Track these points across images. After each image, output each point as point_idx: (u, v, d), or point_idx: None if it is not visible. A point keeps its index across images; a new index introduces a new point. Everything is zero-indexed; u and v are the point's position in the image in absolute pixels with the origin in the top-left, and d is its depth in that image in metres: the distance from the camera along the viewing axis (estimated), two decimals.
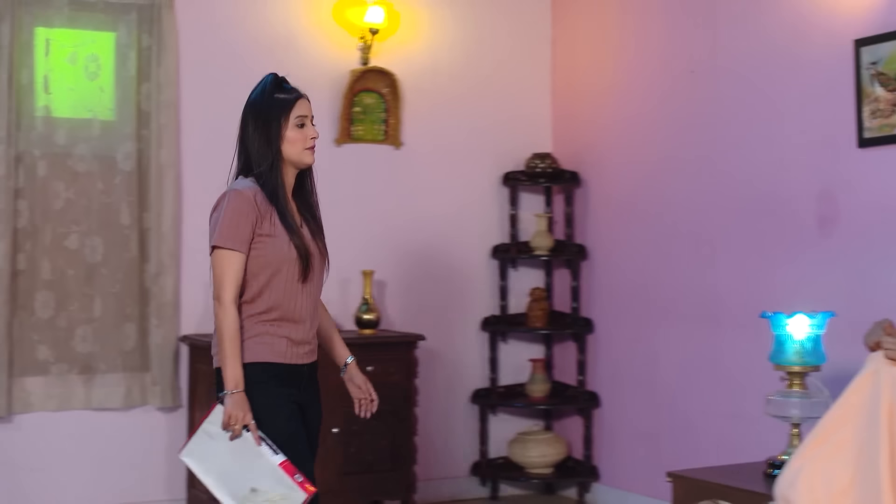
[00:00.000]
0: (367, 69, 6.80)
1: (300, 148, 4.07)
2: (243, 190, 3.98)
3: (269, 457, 3.84)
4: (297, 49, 6.76)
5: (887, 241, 5.13)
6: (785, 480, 3.54)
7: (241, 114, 4.11)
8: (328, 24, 6.81)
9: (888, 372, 3.48)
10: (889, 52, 5.07)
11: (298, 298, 4.03)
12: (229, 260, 3.94)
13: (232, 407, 3.89)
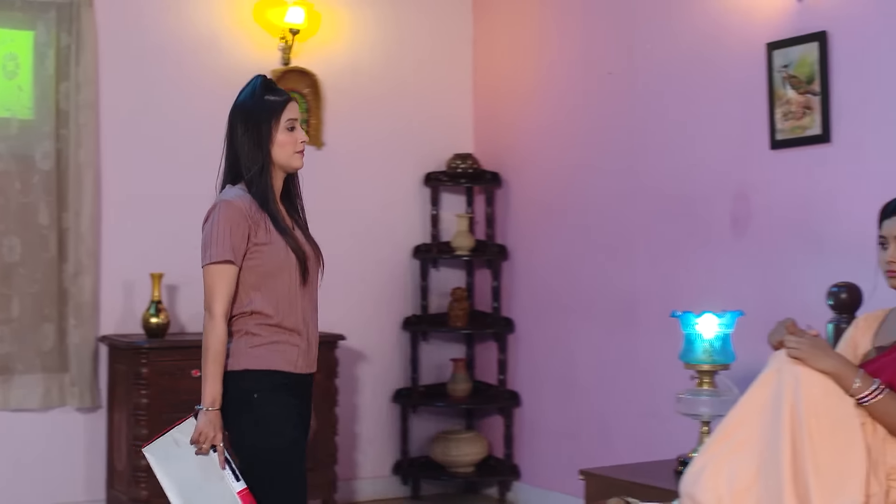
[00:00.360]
0: (288, 69, 6.80)
1: (290, 151, 3.98)
2: (233, 200, 3.89)
3: (231, 482, 3.78)
4: (217, 49, 6.76)
5: (797, 241, 5.22)
6: (689, 478, 3.57)
7: (229, 117, 4.03)
8: (249, 24, 6.81)
9: (790, 370, 3.52)
10: (800, 55, 5.15)
11: (301, 304, 3.96)
12: (221, 273, 3.85)
13: (205, 424, 3.80)
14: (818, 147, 5.11)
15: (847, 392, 3.49)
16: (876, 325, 3.99)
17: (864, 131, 4.92)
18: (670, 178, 5.90)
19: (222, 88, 6.73)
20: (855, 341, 4.02)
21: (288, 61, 6.82)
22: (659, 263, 5.96)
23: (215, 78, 6.74)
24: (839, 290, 4.37)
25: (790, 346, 3.56)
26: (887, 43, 4.82)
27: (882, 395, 3.48)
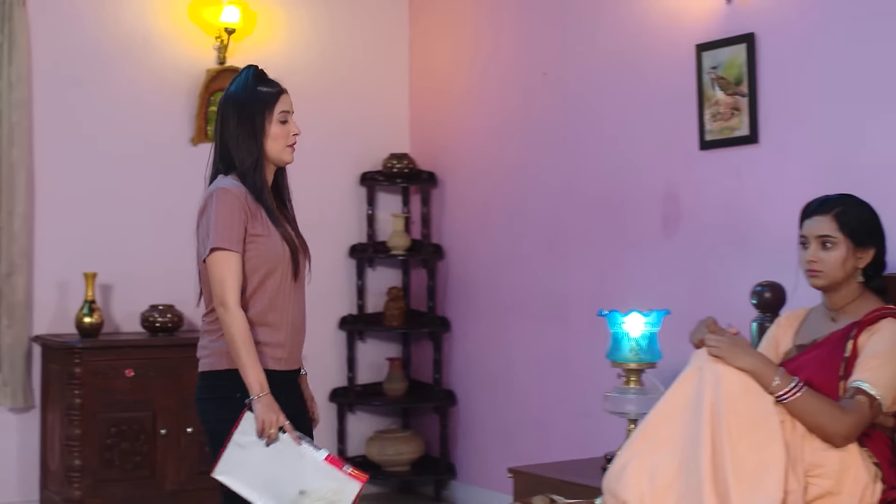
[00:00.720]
0: (224, 69, 6.78)
1: (282, 145, 3.92)
2: (230, 188, 3.80)
3: (312, 454, 3.68)
4: (152, 48, 6.73)
5: (725, 241, 5.27)
6: (612, 475, 3.61)
7: (219, 108, 3.95)
8: (184, 23, 6.79)
9: (711, 368, 3.57)
10: (728, 57, 5.20)
11: (291, 299, 3.89)
12: (229, 261, 3.75)
13: (263, 411, 3.67)
14: (746, 148, 5.16)
15: (766, 390, 3.55)
16: (797, 323, 4.06)
17: (790, 132, 4.98)
18: (603, 179, 5.95)
19: (158, 87, 6.76)
20: (777, 339, 4.09)
21: (223, 60, 6.80)
22: (591, 263, 6.00)
23: (151, 77, 6.73)
24: (763, 290, 4.43)
25: (710, 344, 3.61)
26: (813, 45, 4.88)
27: (800, 392, 3.54)
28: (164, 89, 6.76)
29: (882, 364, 3.61)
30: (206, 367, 3.88)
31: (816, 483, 3.53)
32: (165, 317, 6.43)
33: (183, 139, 6.78)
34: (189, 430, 6.25)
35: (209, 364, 3.87)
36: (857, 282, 3.86)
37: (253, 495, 3.69)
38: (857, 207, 3.87)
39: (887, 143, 4.56)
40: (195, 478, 6.28)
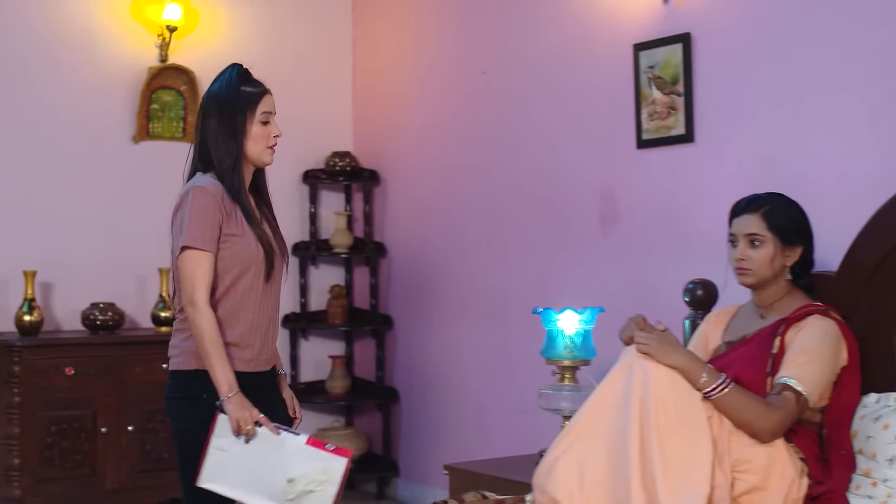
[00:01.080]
0: (165, 66, 6.77)
1: (263, 146, 3.88)
2: (207, 186, 3.76)
3: (293, 440, 3.63)
4: (94, 45, 6.70)
5: (662, 239, 5.31)
6: (542, 471, 3.64)
7: (202, 105, 3.93)
8: (126, 20, 6.76)
9: (640, 365, 3.60)
10: (665, 56, 5.25)
11: (262, 301, 3.83)
12: (200, 260, 3.71)
13: (235, 410, 3.63)
14: (682, 147, 5.20)
15: (694, 386, 3.57)
16: (727, 320, 4.11)
17: (724, 131, 5.02)
18: (542, 177, 5.98)
19: (99, 84, 6.73)
20: (706, 336, 4.14)
21: (165, 58, 6.78)
22: (531, 261, 6.04)
23: (92, 74, 6.70)
24: (695, 287, 4.47)
25: (639, 341, 3.64)
26: (747, 46, 4.93)
27: (728, 389, 3.57)
28: (105, 86, 6.73)
29: (809, 360, 3.66)
30: (175, 367, 3.84)
31: (743, 478, 3.57)
32: (106, 315, 6.40)
33: (125, 137, 6.76)
34: (130, 428, 6.24)
35: (178, 363, 3.83)
36: (785, 279, 3.91)
37: (243, 496, 3.65)
38: (785, 206, 3.92)
39: (818, 142, 4.61)
40: (136, 476, 6.28)
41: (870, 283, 3.90)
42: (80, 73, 6.67)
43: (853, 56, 4.49)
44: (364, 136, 7.38)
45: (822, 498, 3.61)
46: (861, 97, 4.45)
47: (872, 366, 3.86)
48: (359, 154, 7.32)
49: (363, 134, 7.39)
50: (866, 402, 3.82)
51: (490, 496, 3.87)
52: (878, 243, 3.87)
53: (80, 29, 6.68)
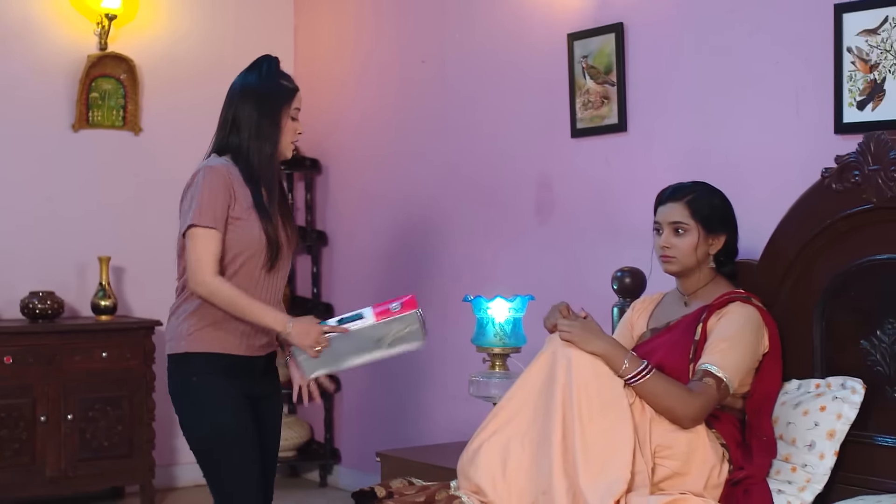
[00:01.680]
0: (105, 55, 6.74)
1: (288, 140, 4.00)
2: (218, 167, 3.84)
3: (363, 324, 3.85)
4: (32, 33, 6.67)
5: (596, 227, 5.35)
6: (466, 457, 3.67)
7: (236, 93, 3.99)
8: (65, 8, 6.73)
9: (563, 353, 3.64)
10: (598, 46, 5.28)
11: (261, 287, 3.89)
12: (208, 238, 3.77)
13: (300, 338, 3.78)
14: (615, 136, 5.24)
15: (616, 373, 3.62)
16: (652, 307, 4.16)
17: (656, 121, 5.07)
18: (480, 165, 6.01)
19: (38, 73, 6.71)
20: (632, 324, 4.18)
21: (105, 46, 6.75)
22: (469, 249, 6.07)
23: (31, 62, 6.68)
24: (623, 275, 4.51)
25: (562, 329, 3.68)
26: (678, 35, 4.97)
27: (649, 375, 3.62)
28: (44, 75, 6.71)
29: (730, 347, 3.71)
30: (169, 350, 3.94)
31: (664, 464, 3.62)
32: (45, 303, 6.39)
33: (64, 125, 6.74)
34: (69, 416, 6.25)
35: (171, 347, 3.93)
36: (709, 267, 3.96)
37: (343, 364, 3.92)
38: (708, 195, 3.97)
39: (747, 131, 4.66)
40: (76, 464, 6.29)
41: (790, 272, 3.95)
42: (19, 62, 6.64)
43: (780, 45, 4.54)
44: (306, 125, 7.26)
45: (742, 483, 3.66)
46: (788, 86, 4.50)
47: (793, 353, 3.91)
48: (300, 143, 7.29)
49: (305, 123, 7.27)
50: (787, 389, 3.87)
51: (417, 482, 3.90)
52: (797, 232, 3.92)
53: (18, 17, 6.65)
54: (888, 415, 3.69)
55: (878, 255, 3.71)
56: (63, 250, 6.73)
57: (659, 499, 3.49)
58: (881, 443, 3.69)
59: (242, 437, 3.87)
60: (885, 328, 3.69)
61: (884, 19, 4.12)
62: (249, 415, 3.91)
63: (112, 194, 6.88)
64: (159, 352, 6.64)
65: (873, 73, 4.15)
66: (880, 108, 4.13)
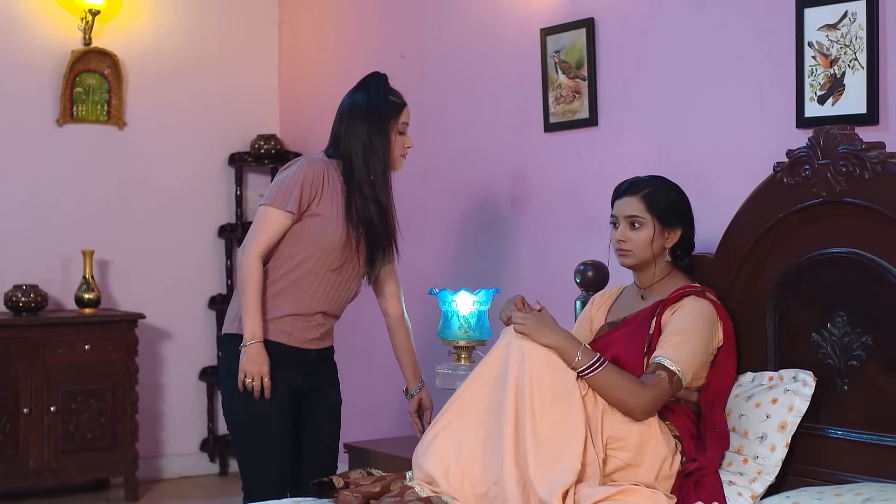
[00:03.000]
0: (89, 49, 6.80)
1: (397, 154, 4.18)
2: (317, 161, 4.06)
3: None
4: (16, 28, 6.74)
5: (568, 221, 5.38)
6: (420, 448, 3.72)
7: (346, 112, 4.18)
8: (49, 4, 6.78)
9: (517, 345, 3.67)
10: (570, 41, 5.31)
11: (324, 285, 4.06)
12: (272, 217, 3.99)
13: (245, 361, 3.93)
14: (586, 130, 5.27)
15: (569, 365, 3.65)
16: (610, 301, 4.19)
17: (625, 115, 5.09)
18: (458, 160, 6.04)
19: (22, 67, 6.76)
20: (590, 317, 4.22)
21: (89, 41, 6.80)
22: (448, 242, 6.10)
23: (15, 57, 6.74)
24: (586, 269, 4.53)
25: (517, 321, 3.72)
26: (647, 30, 5.00)
27: (601, 368, 3.65)
28: (28, 70, 6.77)
29: (683, 340, 3.74)
30: (224, 329, 4.15)
31: (616, 455, 3.66)
32: (29, 296, 6.45)
33: (48, 119, 6.80)
34: (52, 409, 6.31)
35: (225, 327, 4.14)
36: (665, 261, 3.99)
37: None
38: (664, 189, 3.99)
39: (712, 125, 4.69)
40: (59, 456, 6.36)
41: (744, 266, 3.97)
42: (3, 57, 6.70)
43: (744, 39, 4.57)
44: (290, 119, 7.43)
45: (694, 475, 3.69)
46: (752, 80, 4.52)
47: (748, 346, 3.95)
48: (285, 136, 7.37)
49: (290, 117, 7.44)
50: (742, 382, 3.90)
51: (376, 473, 3.94)
52: (750, 226, 3.95)
53: (2, 12, 6.71)
54: (838, 407, 3.72)
55: (828, 248, 3.73)
56: (48, 244, 6.79)
57: (607, 489, 3.53)
58: (832, 435, 3.72)
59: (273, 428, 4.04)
60: (835, 321, 3.72)
61: (843, 14, 4.14)
62: (289, 408, 4.09)
63: (97, 188, 6.94)
64: (143, 344, 6.72)
65: (833, 67, 4.18)
66: (840, 102, 4.16)
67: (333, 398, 4.29)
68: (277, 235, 4.00)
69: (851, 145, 3.62)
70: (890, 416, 3.58)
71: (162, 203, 7.14)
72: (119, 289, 7.01)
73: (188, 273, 7.25)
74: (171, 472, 7.16)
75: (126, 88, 7.00)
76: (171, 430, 7.20)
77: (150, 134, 7.10)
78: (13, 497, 6.44)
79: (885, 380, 3.60)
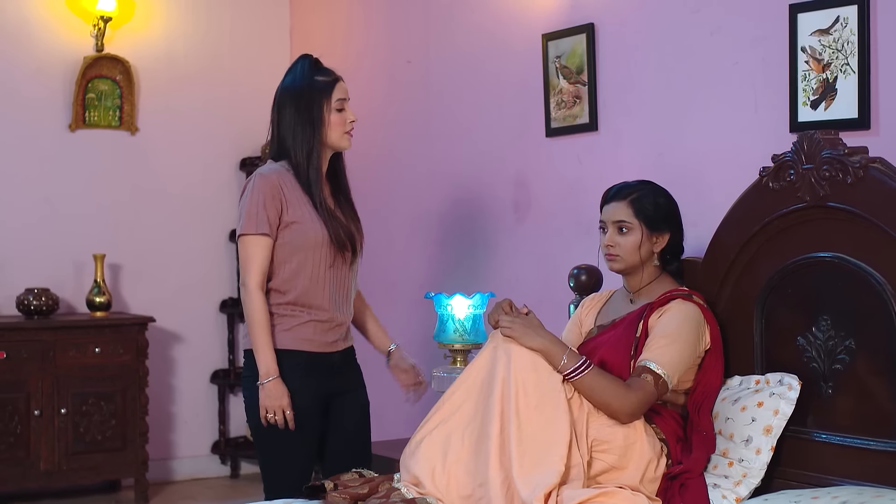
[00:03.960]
0: (101, 56, 6.88)
1: (340, 132, 4.08)
2: (268, 174, 3.98)
3: None
4: (29, 35, 6.83)
5: (569, 225, 5.40)
6: (408, 450, 3.75)
7: (276, 98, 4.11)
8: (62, 11, 6.87)
9: (504, 348, 3.71)
10: (571, 46, 5.34)
11: (328, 285, 4.05)
12: (254, 245, 3.95)
13: (264, 398, 3.94)
14: (586, 135, 5.29)
15: (555, 368, 3.68)
16: (600, 305, 4.22)
17: (624, 120, 5.11)
18: (462, 165, 6.07)
19: (35, 74, 6.83)
20: (580, 321, 4.25)
21: (101, 48, 6.88)
22: (452, 247, 6.13)
23: (28, 63, 6.83)
24: (579, 273, 4.56)
25: (504, 325, 3.75)
26: (644, 36, 5.02)
27: (587, 371, 3.68)
28: (41, 76, 6.85)
29: (669, 343, 3.76)
30: (243, 346, 4.12)
31: (602, 458, 3.68)
32: (40, 300, 6.53)
33: (61, 125, 6.88)
34: (63, 411, 6.37)
35: (244, 343, 4.10)
36: (654, 265, 4.01)
37: None
38: (652, 194, 4.02)
39: (708, 130, 4.71)
40: (69, 458, 6.43)
41: (732, 270, 3.99)
42: (17, 63, 6.79)
43: (739, 45, 4.58)
44: None
45: (679, 477, 3.72)
46: (747, 86, 4.54)
47: (736, 350, 3.97)
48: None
49: None
50: (730, 385, 3.92)
51: (367, 474, 3.98)
52: (737, 230, 3.97)
53: (16, 19, 6.80)
54: (823, 411, 3.73)
55: (813, 252, 3.75)
56: (60, 248, 6.87)
57: (588, 491, 3.55)
58: (817, 438, 3.73)
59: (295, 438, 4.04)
60: (819, 325, 3.73)
61: (835, 19, 4.15)
62: (314, 417, 4.10)
63: (108, 193, 7.01)
64: (154, 347, 6.79)
65: (826, 72, 4.19)
66: (832, 107, 4.17)
67: (361, 401, 4.29)
68: (266, 260, 3.97)
69: (835, 150, 3.64)
70: (873, 419, 3.60)
71: (173, 207, 7.21)
72: (130, 292, 7.08)
73: (199, 277, 7.31)
74: (183, 473, 7.22)
75: (138, 94, 7.07)
76: (182, 432, 7.26)
77: (162, 139, 7.17)
78: (24, 498, 6.53)
79: (869, 383, 3.61)
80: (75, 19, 6.89)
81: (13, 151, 6.77)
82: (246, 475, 7.37)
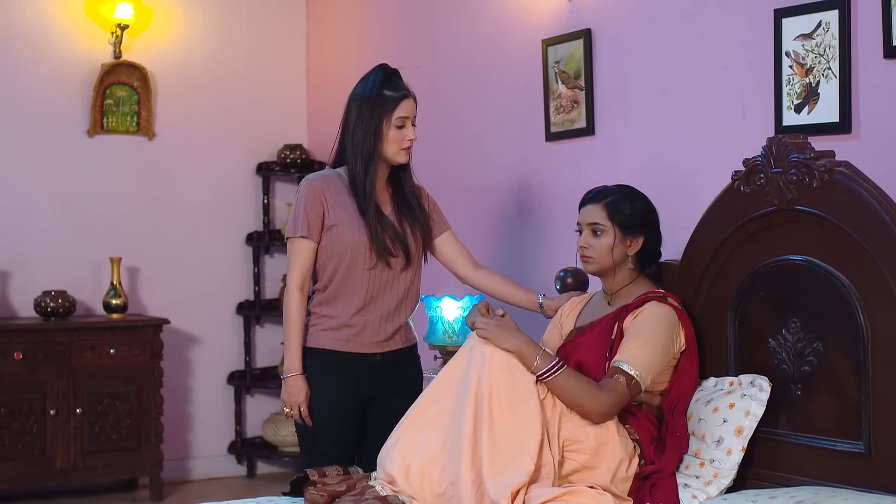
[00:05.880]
0: (118, 63, 7.00)
1: (395, 148, 4.19)
2: (313, 179, 4.17)
3: None
4: (48, 42, 6.96)
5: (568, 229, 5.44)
6: (384, 450, 3.81)
7: (347, 103, 4.24)
8: (80, 18, 7.00)
9: (479, 349, 3.76)
10: (569, 51, 5.39)
11: (365, 287, 4.17)
12: (296, 247, 4.14)
13: (283, 392, 4.17)
14: (584, 139, 5.34)
15: (529, 369, 3.73)
16: (580, 307, 4.27)
17: (619, 124, 5.15)
18: (468, 170, 6.14)
19: (54, 80, 6.96)
20: (560, 323, 4.30)
21: (119, 55, 7.00)
22: None
23: (47, 70, 6.95)
24: (566, 275, 4.60)
25: (479, 326, 3.80)
26: (638, 41, 5.05)
27: (560, 372, 3.73)
28: (60, 82, 6.98)
29: (642, 345, 3.80)
30: None
31: (573, 458, 3.73)
32: (57, 302, 6.65)
33: (79, 130, 7.00)
34: (78, 410, 6.49)
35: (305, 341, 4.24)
36: (629, 268, 4.06)
37: None
38: (629, 198, 4.07)
39: (698, 134, 4.74)
40: (85, 456, 6.54)
41: (706, 272, 4.03)
42: (36, 70, 6.92)
43: (728, 49, 4.61)
44: (318, 128, 7.57)
45: (651, 477, 3.76)
46: (735, 90, 4.57)
47: (711, 351, 4.01)
48: (314, 147, 7.51)
49: (317, 126, 7.58)
50: (705, 386, 3.96)
51: (352, 470, 4.05)
52: (711, 234, 4.00)
53: (35, 27, 6.92)
54: (793, 412, 3.76)
55: (783, 255, 3.78)
56: (78, 251, 6.99)
57: (555, 490, 3.60)
58: (787, 439, 3.77)
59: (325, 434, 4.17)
60: (789, 327, 3.76)
61: (818, 24, 4.18)
62: (347, 418, 4.20)
63: (126, 197, 7.13)
64: (171, 349, 6.90)
65: (809, 76, 4.22)
66: (815, 111, 4.20)
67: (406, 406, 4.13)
68: (308, 261, 4.14)
69: (802, 154, 3.67)
70: (840, 420, 3.63)
71: (190, 211, 7.31)
72: (147, 295, 7.19)
73: (216, 280, 7.41)
74: (199, 473, 7.32)
75: (155, 100, 7.19)
76: (199, 432, 7.36)
77: (179, 144, 7.28)
78: (40, 496, 6.66)
79: (835, 385, 3.64)
80: (93, 27, 7.01)
81: (32, 156, 6.90)
82: (262, 475, 7.45)
